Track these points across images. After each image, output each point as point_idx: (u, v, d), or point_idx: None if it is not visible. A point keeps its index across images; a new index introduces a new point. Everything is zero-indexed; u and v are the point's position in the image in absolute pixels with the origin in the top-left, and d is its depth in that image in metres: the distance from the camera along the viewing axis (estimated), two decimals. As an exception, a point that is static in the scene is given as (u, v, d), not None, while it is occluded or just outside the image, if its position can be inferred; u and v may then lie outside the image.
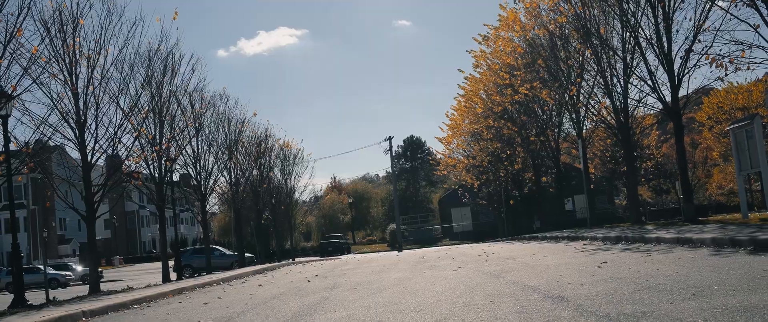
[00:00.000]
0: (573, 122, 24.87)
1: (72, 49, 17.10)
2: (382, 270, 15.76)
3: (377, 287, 10.67)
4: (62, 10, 16.82)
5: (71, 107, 17.20)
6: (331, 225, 79.18)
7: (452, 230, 63.75)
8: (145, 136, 20.84)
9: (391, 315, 6.81)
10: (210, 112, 30.36)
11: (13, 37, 14.34)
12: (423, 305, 7.32)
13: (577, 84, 22.57)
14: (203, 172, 28.74)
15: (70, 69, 17.22)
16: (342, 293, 10.06)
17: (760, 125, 16.19)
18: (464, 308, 6.74)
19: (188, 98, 25.14)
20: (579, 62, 22.21)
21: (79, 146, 17.56)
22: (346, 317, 7.02)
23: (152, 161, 21.99)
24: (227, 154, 32.66)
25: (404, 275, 13.09)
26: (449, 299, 7.75)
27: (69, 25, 16.73)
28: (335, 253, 54.45)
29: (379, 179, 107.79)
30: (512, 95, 25.39)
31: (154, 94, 21.39)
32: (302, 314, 7.74)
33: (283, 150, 43.29)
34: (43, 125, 16.13)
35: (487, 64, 28.07)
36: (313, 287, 12.20)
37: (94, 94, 17.62)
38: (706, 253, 10.25)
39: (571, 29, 21.75)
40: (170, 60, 21.84)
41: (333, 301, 8.99)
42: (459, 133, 34.65)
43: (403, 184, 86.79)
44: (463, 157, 35.10)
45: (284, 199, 44.02)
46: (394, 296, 8.72)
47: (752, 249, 9.68)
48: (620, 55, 20.38)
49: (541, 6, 22.95)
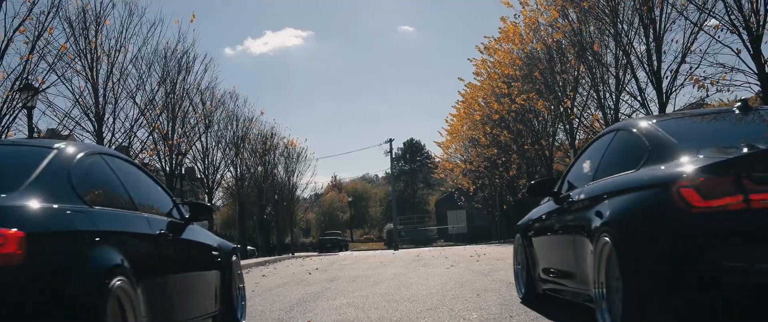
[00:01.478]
0: (566, 133, 25.76)
1: (94, 47, 18.07)
2: (378, 266, 16.47)
3: (374, 280, 11.32)
4: (87, 10, 17.82)
5: (91, 102, 18.21)
6: (331, 222, 79.94)
7: (447, 231, 64.56)
8: (159, 132, 21.81)
9: (387, 304, 7.42)
10: (220, 110, 31.34)
11: (41, 35, 15.30)
12: (416, 296, 7.96)
13: (572, 97, 23.48)
14: (211, 166, 29.76)
15: (92, 65, 18.20)
16: (342, 285, 10.66)
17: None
18: (453, 299, 7.39)
19: (200, 96, 26.11)
20: (574, 76, 23.14)
21: (97, 139, 18.54)
22: (347, 304, 7.61)
23: (164, 155, 22.98)
24: (234, 150, 33.63)
25: (400, 271, 13.77)
26: (440, 292, 8.38)
27: (93, 24, 17.73)
28: (333, 249, 55.26)
29: (378, 179, 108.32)
30: (510, 105, 26.30)
31: (169, 92, 22.35)
32: (306, 301, 8.32)
33: (287, 148, 44.14)
34: (66, 118, 17.11)
35: (487, 73, 28.96)
36: (315, 278, 12.81)
37: (113, 90, 18.61)
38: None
39: (567, 44, 22.67)
40: (185, 60, 22.80)
41: (334, 291, 9.59)
42: (457, 139, 35.54)
43: (401, 185, 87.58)
44: (461, 162, 35.92)
45: (286, 195, 44.85)
46: (390, 289, 9.34)
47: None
48: (613, 71, 21.32)
49: (539, 21, 23.87)
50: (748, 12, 15.51)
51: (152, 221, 4.60)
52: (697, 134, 4.67)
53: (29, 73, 15.02)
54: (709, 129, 4.95)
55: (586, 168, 5.55)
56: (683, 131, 4.66)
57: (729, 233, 3.41)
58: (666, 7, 18.83)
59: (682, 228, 3.54)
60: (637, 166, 4.39)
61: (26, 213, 3.24)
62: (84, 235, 3.54)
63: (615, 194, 4.36)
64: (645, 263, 3.78)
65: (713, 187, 3.49)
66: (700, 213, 3.47)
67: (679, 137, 4.36)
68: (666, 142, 4.34)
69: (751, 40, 15.47)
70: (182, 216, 5.40)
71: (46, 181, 3.66)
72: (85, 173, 4.07)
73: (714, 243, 3.44)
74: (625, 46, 20.02)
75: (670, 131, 4.51)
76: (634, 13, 19.64)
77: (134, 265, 3.85)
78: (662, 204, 3.71)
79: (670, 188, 3.65)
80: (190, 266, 5.32)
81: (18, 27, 14.62)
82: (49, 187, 3.61)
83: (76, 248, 3.43)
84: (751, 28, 15.39)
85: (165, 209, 5.18)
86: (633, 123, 5.05)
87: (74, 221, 3.55)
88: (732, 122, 4.89)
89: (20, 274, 2.96)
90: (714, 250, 3.44)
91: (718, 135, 4.66)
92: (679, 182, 3.61)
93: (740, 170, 3.49)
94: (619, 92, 21.22)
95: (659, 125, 4.70)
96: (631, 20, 19.93)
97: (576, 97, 23.59)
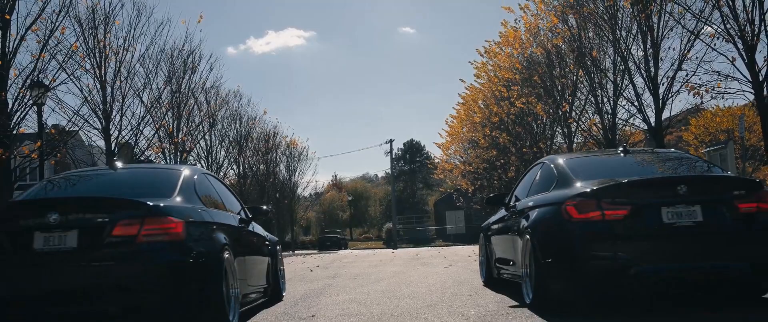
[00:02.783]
0: (564, 136, 26.06)
1: (102, 46, 18.41)
2: (378, 264, 16.79)
3: (375, 277, 11.63)
4: (96, 9, 18.17)
5: (99, 100, 18.54)
6: (330, 221, 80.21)
7: (446, 231, 64.82)
8: (165, 129, 22.14)
9: (388, 300, 7.67)
10: (224, 109, 31.70)
11: (52, 34, 15.63)
12: (416, 293, 8.26)
13: (570, 101, 23.80)
14: (214, 164, 30.09)
15: (100, 63, 18.54)
16: (343, 282, 10.96)
17: (733, 150, 17.53)
18: (452, 297, 7.70)
19: (205, 95, 26.44)
20: (572, 81, 23.45)
21: (104, 135, 18.90)
22: (349, 300, 7.89)
23: (169, 153, 23.30)
24: (237, 149, 33.99)
25: (399, 269, 14.08)
26: (439, 289, 8.70)
27: (102, 24, 18.07)
28: (333, 247, 55.57)
29: (378, 179, 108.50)
30: (509, 107, 26.59)
31: (174, 91, 22.69)
32: (310, 296, 8.62)
33: (289, 147, 44.51)
34: (75, 116, 17.46)
35: (487, 76, 29.23)
36: (317, 275, 13.07)
37: (120, 89, 18.96)
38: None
39: (567, 49, 22.99)
40: (191, 59, 23.13)
41: (336, 287, 9.88)
42: (457, 140, 35.80)
43: (401, 185, 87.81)
44: (460, 163, 36.20)
45: (288, 194, 45.18)
46: (391, 286, 9.65)
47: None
48: (611, 77, 21.66)
49: (539, 27, 24.18)
50: (743, 21, 15.85)
51: (234, 218, 7.04)
52: (589, 169, 6.85)
53: (40, 71, 15.35)
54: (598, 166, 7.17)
55: (526, 187, 7.74)
56: (580, 167, 6.89)
57: (593, 234, 5.70)
58: (664, 15, 19.19)
59: (567, 231, 5.83)
60: (549, 189, 6.73)
61: (182, 210, 5.69)
62: (208, 224, 6.03)
63: (535, 208, 6.65)
64: (547, 252, 6.10)
65: (584, 206, 5.77)
66: (577, 221, 5.76)
67: (576, 172, 6.63)
68: (567, 174, 6.64)
69: (745, 49, 15.80)
70: (247, 215, 7.73)
71: (183, 191, 6.10)
72: (199, 185, 6.56)
73: (584, 240, 5.71)
74: (623, 52, 20.38)
75: (571, 167, 6.83)
76: (633, 20, 20.00)
77: (230, 245, 6.24)
78: (557, 215, 5.99)
79: (561, 205, 5.92)
80: (255, 251, 7.61)
81: (30, 26, 14.95)
82: (186, 195, 6.08)
83: (205, 231, 5.90)
84: (746, 37, 15.73)
85: (236, 210, 7.46)
86: (552, 159, 7.37)
87: (203, 215, 6.02)
88: (615, 161, 7.17)
89: (182, 244, 5.42)
90: (584, 244, 5.71)
91: (602, 170, 6.80)
92: (566, 202, 5.89)
93: (599, 196, 5.75)
94: (616, 97, 21.59)
95: (566, 163, 7.00)
96: (629, 27, 20.29)
97: (574, 102, 23.91)
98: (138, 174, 7.24)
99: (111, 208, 5.42)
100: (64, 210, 5.35)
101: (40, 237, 5.29)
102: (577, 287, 5.87)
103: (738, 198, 5.80)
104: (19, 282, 5.36)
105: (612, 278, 5.65)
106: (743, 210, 5.76)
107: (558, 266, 5.94)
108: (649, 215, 5.66)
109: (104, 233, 5.28)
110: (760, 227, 5.74)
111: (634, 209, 5.66)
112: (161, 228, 5.34)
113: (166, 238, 5.33)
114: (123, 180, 6.64)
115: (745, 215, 5.75)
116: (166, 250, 5.32)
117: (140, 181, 6.66)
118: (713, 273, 5.79)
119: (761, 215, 5.75)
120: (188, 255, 5.45)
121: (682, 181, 5.86)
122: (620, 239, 5.63)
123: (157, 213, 5.37)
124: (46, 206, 5.49)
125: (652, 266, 5.66)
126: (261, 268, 7.75)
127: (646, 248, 5.67)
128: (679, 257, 5.68)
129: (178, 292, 5.36)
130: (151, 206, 5.38)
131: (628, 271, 5.57)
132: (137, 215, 5.31)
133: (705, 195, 5.78)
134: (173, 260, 5.36)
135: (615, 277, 5.64)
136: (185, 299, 5.44)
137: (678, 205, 5.67)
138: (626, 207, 5.67)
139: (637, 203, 5.69)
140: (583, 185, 6.10)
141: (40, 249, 5.29)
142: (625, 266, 5.59)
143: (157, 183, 6.35)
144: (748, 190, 5.91)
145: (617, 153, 7.31)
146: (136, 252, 5.26)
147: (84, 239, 5.28)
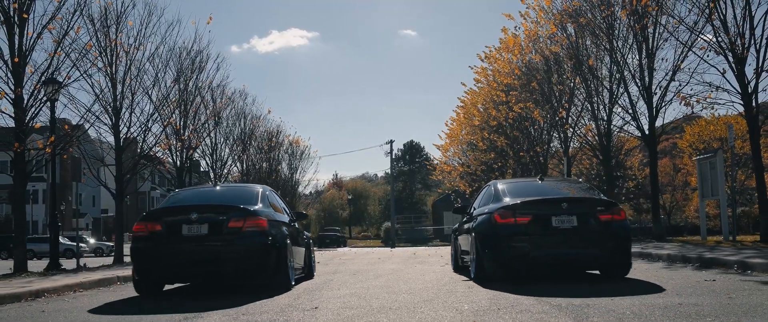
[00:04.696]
0: (561, 141, 26.53)
1: (114, 45, 18.91)
2: (377, 262, 17.20)
3: (374, 274, 12.04)
4: (109, 9, 18.67)
5: (110, 97, 19.06)
6: (330, 219, 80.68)
7: (443, 231, 65.10)
8: (172, 127, 22.63)
9: (386, 294, 7.98)
10: (229, 108, 32.21)
11: (67, 33, 16.13)
12: (413, 289, 8.62)
13: (567, 107, 24.30)
14: (219, 161, 30.71)
15: (111, 61, 19.04)
16: (344, 277, 11.36)
17: (722, 159, 18.06)
18: (447, 293, 7.95)
19: (211, 94, 26.93)
20: (570, 88, 23.94)
21: (114, 132, 19.41)
22: (350, 294, 8.20)
23: (176, 150, 23.83)
24: (241, 146, 34.50)
25: (397, 266, 14.50)
26: (435, 286, 9.09)
27: (114, 24, 18.56)
28: (332, 245, 56.14)
29: (377, 179, 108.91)
30: (507, 112, 27.06)
31: (182, 89, 23.18)
32: (312, 290, 8.97)
33: (291, 146, 44.97)
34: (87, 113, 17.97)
35: (487, 81, 29.72)
36: (317, 271, 13.32)
37: (130, 86, 19.45)
38: (659, 266, 11.37)
39: (564, 57, 23.49)
40: (199, 59, 23.62)
41: (337, 282, 10.28)
42: (456, 142, 36.27)
43: (400, 185, 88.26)
44: (458, 165, 36.67)
45: (289, 191, 45.62)
46: (389, 282, 10.06)
47: (698, 265, 10.79)
48: (607, 84, 22.19)
49: (539, 34, 24.66)
50: (734, 35, 16.39)
51: (287, 219, 10.33)
52: (514, 191, 9.84)
53: (55, 69, 15.84)
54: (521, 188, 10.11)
55: (479, 201, 10.84)
56: (508, 189, 9.95)
57: (509, 233, 8.98)
58: (658, 27, 19.72)
59: (495, 230, 9.15)
60: (489, 203, 9.95)
61: (265, 212, 9.28)
62: (278, 222, 9.59)
63: (479, 215, 9.94)
64: (483, 244, 9.38)
65: (505, 214, 9.08)
66: (500, 224, 9.09)
67: (505, 192, 9.82)
68: (499, 194, 9.87)
69: (735, 61, 16.34)
70: (291, 216, 10.84)
71: (263, 200, 9.65)
72: (269, 197, 10.16)
73: (504, 236, 9.00)
74: (619, 61, 20.90)
75: (502, 189, 10.02)
76: (629, 31, 20.53)
77: (289, 235, 9.75)
78: (490, 220, 9.32)
79: (492, 214, 9.28)
80: (299, 242, 10.96)
81: (46, 24, 15.44)
82: (264, 203, 9.61)
83: (277, 226, 9.40)
84: (736, 50, 16.26)
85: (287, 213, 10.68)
86: (494, 183, 10.63)
87: (275, 216, 9.60)
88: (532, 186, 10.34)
89: (267, 233, 8.95)
90: (505, 239, 9.00)
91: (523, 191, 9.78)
92: (495, 212, 9.25)
93: (514, 208, 9.09)
94: (612, 105, 22.12)
95: (500, 186, 10.23)
96: (625, 37, 20.82)
97: (571, 108, 24.41)
98: (233, 189, 11.83)
99: (227, 210, 8.92)
100: (199, 211, 8.84)
101: (185, 227, 8.75)
102: (500, 266, 9.17)
103: (600, 211, 9.06)
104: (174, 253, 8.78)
105: (520, 260, 8.93)
106: (603, 219, 9.01)
107: (489, 252, 9.24)
108: (544, 221, 8.93)
109: (223, 225, 8.75)
110: (612, 230, 9.01)
111: (535, 217, 8.96)
112: (256, 223, 8.81)
113: (258, 229, 8.79)
114: (224, 194, 10.48)
115: (604, 222, 9.00)
116: (258, 236, 8.79)
117: (236, 194, 10.32)
118: (582, 257, 9.15)
119: (614, 222, 9.04)
120: (270, 240, 8.93)
121: (565, 200, 9.20)
122: (526, 235, 8.90)
123: (253, 214, 8.89)
124: (189, 209, 8.92)
125: (544, 252, 8.92)
126: (302, 253, 11.03)
127: (541, 242, 8.91)
128: (562, 248, 8.94)
129: (264, 261, 8.87)
130: (250, 210, 8.95)
131: (530, 255, 8.86)
132: (242, 215, 8.79)
133: (579, 209, 9.03)
134: (263, 242, 8.83)
135: (522, 259, 8.91)
136: (269, 266, 8.91)
137: (562, 215, 8.89)
138: (530, 215, 8.96)
139: (536, 213, 8.99)
140: (507, 201, 9.35)
141: (186, 234, 8.74)
142: (528, 253, 8.86)
143: (246, 195, 9.83)
144: (607, 207, 9.18)
145: (536, 180, 10.67)
146: (241, 237, 8.72)
147: (211, 229, 8.73)
